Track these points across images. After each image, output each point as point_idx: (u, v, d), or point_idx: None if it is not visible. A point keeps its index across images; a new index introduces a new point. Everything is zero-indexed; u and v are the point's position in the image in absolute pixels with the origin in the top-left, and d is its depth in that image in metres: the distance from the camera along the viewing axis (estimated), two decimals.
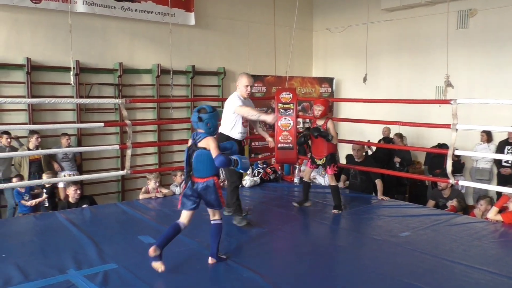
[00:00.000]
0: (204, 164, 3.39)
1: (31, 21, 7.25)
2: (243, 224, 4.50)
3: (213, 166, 3.40)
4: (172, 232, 3.43)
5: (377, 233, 4.45)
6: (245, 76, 4.69)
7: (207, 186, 3.41)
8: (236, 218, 4.57)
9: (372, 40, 9.43)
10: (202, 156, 3.39)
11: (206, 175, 3.41)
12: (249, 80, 4.64)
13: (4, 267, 3.38)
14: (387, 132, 8.55)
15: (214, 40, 9.37)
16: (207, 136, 3.40)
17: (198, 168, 3.42)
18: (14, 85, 7.16)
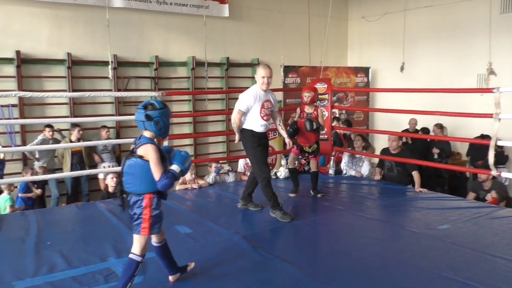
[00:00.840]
0: (137, 177, 2.69)
1: (71, 17, 7.47)
2: (287, 220, 4.35)
3: (149, 180, 2.68)
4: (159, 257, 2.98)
5: (415, 225, 4.36)
6: (261, 67, 4.55)
7: (134, 202, 2.73)
8: (277, 212, 4.43)
9: (410, 28, 9.18)
10: (136, 167, 2.68)
11: (137, 191, 2.71)
12: (265, 71, 4.47)
13: (49, 255, 3.53)
14: (414, 125, 8.37)
15: (248, 32, 9.37)
16: (148, 143, 2.69)
17: (128, 181, 2.71)
18: (56, 80, 7.42)
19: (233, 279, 3.17)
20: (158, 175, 2.64)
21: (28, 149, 6.72)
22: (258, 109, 4.47)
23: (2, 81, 7.00)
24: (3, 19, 6.96)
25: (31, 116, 7.14)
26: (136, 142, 2.76)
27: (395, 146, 5.93)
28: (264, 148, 4.61)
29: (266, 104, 4.53)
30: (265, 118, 4.54)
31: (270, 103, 4.61)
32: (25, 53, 7.06)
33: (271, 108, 4.63)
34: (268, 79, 4.46)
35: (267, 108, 4.55)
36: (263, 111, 4.50)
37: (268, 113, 4.57)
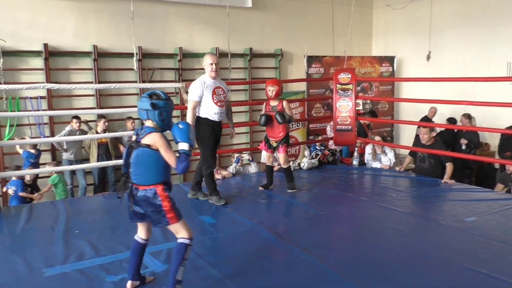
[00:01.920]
0: (145, 167, 2.64)
1: (96, 9, 7.57)
2: (222, 203, 4.58)
3: (159, 170, 2.65)
4: (135, 255, 2.86)
5: (440, 217, 4.30)
6: (208, 54, 4.63)
7: (145, 197, 2.65)
8: (213, 198, 4.65)
9: (437, 15, 8.96)
10: (144, 157, 2.63)
11: (146, 182, 2.64)
12: (212, 58, 4.55)
13: (77, 243, 3.63)
14: (434, 113, 8.22)
15: (271, 22, 9.32)
16: (154, 132, 2.64)
17: (137, 173, 2.65)
18: (83, 72, 7.56)
19: (256, 269, 3.20)
20: (173, 160, 2.61)
21: (56, 140, 6.89)
22: (210, 96, 4.51)
23: (30, 74, 7.17)
24: (31, 12, 7.11)
25: (58, 107, 7.30)
26: (139, 132, 2.70)
27: (427, 139, 5.80)
28: (216, 139, 4.68)
29: (217, 91, 4.57)
30: (219, 105, 4.58)
31: (222, 90, 4.63)
32: (52, 46, 7.21)
33: (223, 95, 4.64)
34: (216, 65, 4.53)
35: (219, 95, 4.57)
36: (215, 97, 4.54)
37: (221, 99, 4.60)
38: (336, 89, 6.59)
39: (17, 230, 4.01)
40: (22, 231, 3.98)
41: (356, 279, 2.98)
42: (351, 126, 6.53)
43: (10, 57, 6.84)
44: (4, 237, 3.91)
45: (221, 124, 4.74)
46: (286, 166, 5.13)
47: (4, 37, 6.29)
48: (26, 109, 7.00)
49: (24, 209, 4.63)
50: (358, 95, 7.27)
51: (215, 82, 4.58)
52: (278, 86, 5.08)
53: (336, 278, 3.01)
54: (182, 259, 2.66)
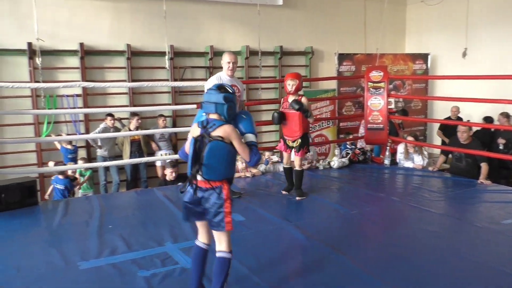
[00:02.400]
0: (218, 161, 2.51)
1: (130, 9, 7.72)
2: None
3: (229, 164, 2.57)
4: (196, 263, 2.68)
5: (476, 219, 4.17)
6: (226, 53, 4.58)
7: (211, 194, 2.52)
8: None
9: (474, 11, 8.69)
10: (218, 150, 2.51)
11: (217, 177, 2.53)
12: (230, 56, 4.49)
13: (111, 238, 3.72)
14: (456, 112, 7.99)
15: (302, 20, 9.27)
16: (225, 124, 2.55)
17: (210, 166, 2.51)
18: (117, 70, 7.72)
19: (285, 267, 3.20)
20: (247, 152, 2.58)
21: (90, 137, 7.08)
22: None
23: (67, 72, 7.38)
24: (68, 12, 7.31)
25: (93, 105, 7.49)
26: (207, 125, 2.55)
27: (466, 137, 5.65)
28: None
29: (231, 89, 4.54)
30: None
31: (237, 89, 4.52)
32: (88, 45, 7.39)
33: (238, 94, 4.41)
34: (233, 64, 4.48)
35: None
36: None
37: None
38: (368, 87, 6.49)
39: (54, 224, 4.14)
40: (59, 225, 4.11)
41: (387, 280, 2.94)
42: (383, 125, 6.43)
43: (48, 56, 7.06)
44: (42, 231, 4.05)
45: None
46: (299, 169, 4.83)
47: (43, 37, 6.50)
48: (63, 107, 7.21)
49: (61, 204, 4.77)
50: (390, 93, 7.13)
51: (230, 80, 4.52)
52: (298, 80, 4.80)
53: (367, 278, 2.97)
54: (227, 275, 2.54)
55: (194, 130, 2.61)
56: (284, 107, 4.83)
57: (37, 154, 7.20)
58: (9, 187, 4.47)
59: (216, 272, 2.54)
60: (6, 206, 4.43)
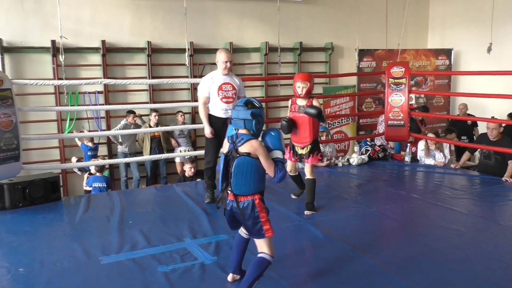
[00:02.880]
0: (246, 176, 2.57)
1: (151, 6, 7.79)
2: (207, 201, 4.54)
3: (258, 179, 2.61)
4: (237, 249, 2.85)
5: (500, 217, 4.09)
6: (223, 51, 4.52)
7: (243, 208, 2.59)
8: (205, 195, 4.64)
9: (499, 5, 8.45)
10: (245, 166, 2.57)
11: (247, 192, 2.59)
12: (227, 55, 4.44)
13: (131, 233, 3.76)
14: (464, 109, 7.84)
15: (322, 15, 9.20)
16: (252, 139, 2.60)
17: (237, 182, 2.58)
18: (137, 67, 7.81)
19: (303, 265, 3.19)
20: (272, 169, 2.61)
21: (112, 134, 7.18)
22: (215, 91, 4.46)
23: (89, 69, 7.50)
24: (90, 10, 7.42)
25: (115, 102, 7.60)
26: (235, 140, 2.62)
27: (496, 134, 5.51)
28: (220, 137, 4.36)
29: (224, 87, 4.48)
30: (224, 101, 4.48)
31: (231, 86, 4.52)
32: (109, 43, 7.49)
33: (232, 92, 4.53)
34: (229, 63, 4.45)
35: (226, 91, 4.48)
36: (221, 93, 4.46)
37: (229, 95, 4.50)
38: (389, 83, 6.41)
39: (76, 219, 4.22)
40: (81, 220, 4.19)
41: (408, 278, 2.90)
42: (404, 121, 6.34)
43: (71, 54, 7.18)
44: (64, 225, 4.13)
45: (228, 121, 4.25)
46: (311, 177, 4.27)
47: (66, 35, 6.61)
48: (85, 103, 7.33)
49: (83, 199, 4.86)
50: (412, 90, 7.02)
51: (224, 78, 4.50)
52: (309, 82, 4.21)
53: (387, 277, 2.94)
54: (260, 274, 2.59)
55: (224, 145, 2.74)
56: (292, 110, 4.31)
57: (60, 150, 7.34)
58: (33, 183, 4.57)
59: (251, 267, 2.60)
60: (30, 201, 4.54)
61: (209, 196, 4.58)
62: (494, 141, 5.49)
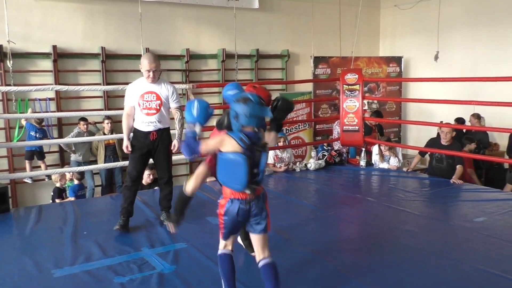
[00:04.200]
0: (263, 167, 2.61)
1: (105, 11, 7.61)
2: (116, 227, 3.89)
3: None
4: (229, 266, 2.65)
5: (449, 218, 4.27)
6: (146, 57, 3.92)
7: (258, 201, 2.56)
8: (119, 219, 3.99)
9: (445, 15, 8.89)
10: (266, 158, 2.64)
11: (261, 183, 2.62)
12: (149, 64, 3.84)
13: (86, 244, 3.64)
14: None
15: (278, 23, 9.32)
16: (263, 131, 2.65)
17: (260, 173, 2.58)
18: (91, 73, 7.60)
19: None
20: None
21: (64, 141, 6.94)
22: (136, 101, 3.93)
23: (39, 75, 7.21)
24: (41, 14, 7.16)
25: (67, 109, 7.34)
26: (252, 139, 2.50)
27: (449, 138, 5.73)
28: (142, 153, 4.01)
29: (146, 96, 3.91)
30: (145, 112, 3.91)
31: (156, 95, 3.93)
32: (61, 48, 7.25)
33: (156, 102, 3.94)
34: (153, 73, 3.88)
35: (148, 101, 3.91)
36: (141, 104, 3.90)
37: (151, 106, 3.91)
38: (343, 89, 6.58)
39: (26, 231, 4.04)
40: (31, 232, 4.01)
41: (365, 280, 2.97)
42: (358, 127, 6.51)
43: (19, 59, 6.89)
44: (14, 238, 3.94)
45: (152, 135, 3.95)
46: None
47: (14, 39, 6.35)
48: (35, 111, 7.04)
49: (33, 210, 4.66)
50: (365, 96, 7.23)
51: (149, 86, 3.94)
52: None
53: (346, 280, 3.00)
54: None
55: (228, 144, 2.50)
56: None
57: (8, 160, 7.02)
58: None
59: (274, 277, 2.54)
60: None
61: (119, 223, 3.91)
62: (447, 145, 5.73)
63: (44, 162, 7.09)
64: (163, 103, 3.98)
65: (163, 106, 3.98)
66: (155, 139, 3.99)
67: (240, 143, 2.47)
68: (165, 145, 4.08)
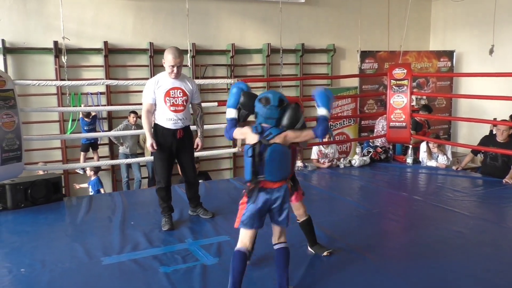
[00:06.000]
0: (281, 163, 2.62)
1: (153, 7, 7.80)
2: (166, 228, 3.85)
3: (290, 164, 2.76)
4: (241, 265, 2.60)
5: (501, 219, 4.08)
6: (170, 51, 3.79)
7: (278, 194, 2.61)
8: (162, 219, 3.95)
9: (502, 7, 8.46)
10: (279, 153, 2.59)
11: (280, 178, 2.62)
12: (174, 59, 3.75)
13: (133, 234, 3.77)
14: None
15: (324, 17, 9.20)
16: (282, 133, 2.63)
17: (272, 169, 2.59)
18: (140, 68, 7.82)
19: (305, 267, 3.18)
20: (310, 131, 2.68)
21: (112, 134, 7.19)
22: (162, 98, 3.82)
23: (91, 70, 7.52)
24: (93, 11, 7.44)
25: (117, 103, 7.61)
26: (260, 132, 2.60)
27: (506, 136, 5.46)
28: (170, 151, 3.93)
29: (172, 92, 3.84)
30: (172, 109, 3.82)
31: (182, 91, 3.88)
32: (111, 44, 7.51)
33: (183, 98, 3.88)
34: (177, 68, 3.80)
35: (174, 97, 3.83)
36: (168, 100, 3.81)
37: (178, 103, 3.85)
38: (391, 85, 6.41)
39: (77, 219, 4.22)
40: (82, 221, 4.19)
41: (409, 279, 2.89)
42: (405, 123, 6.33)
43: (73, 55, 7.19)
44: (66, 226, 4.13)
45: (179, 133, 3.90)
46: (306, 217, 3.34)
47: (68, 36, 6.62)
48: (87, 104, 7.34)
49: (85, 200, 4.86)
50: (414, 91, 7.01)
51: (173, 82, 3.86)
52: None
53: (389, 278, 2.93)
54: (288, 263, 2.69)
55: (249, 137, 2.64)
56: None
57: (62, 151, 7.36)
58: (35, 183, 4.57)
59: (284, 261, 2.67)
60: (32, 201, 4.54)
61: (167, 222, 3.91)
62: (503, 143, 5.46)
63: (97, 153, 7.38)
64: (189, 99, 3.95)
65: (188, 102, 3.95)
66: (182, 137, 3.93)
67: (254, 132, 2.63)
68: (190, 143, 4.05)
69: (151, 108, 3.88)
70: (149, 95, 3.86)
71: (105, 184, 7.59)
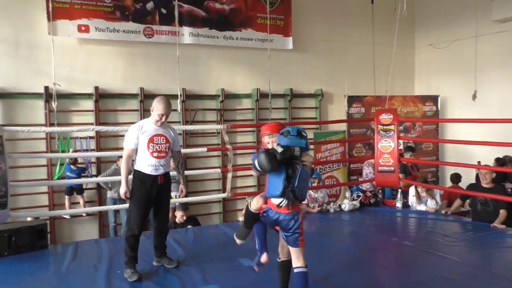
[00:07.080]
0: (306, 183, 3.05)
1: (144, 54, 7.95)
2: (133, 278, 3.72)
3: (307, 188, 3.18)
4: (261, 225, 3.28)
5: (492, 265, 4.06)
6: (162, 101, 3.86)
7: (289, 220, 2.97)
8: (126, 271, 3.80)
9: (482, 54, 8.78)
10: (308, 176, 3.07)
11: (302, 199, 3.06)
12: (164, 109, 3.83)
13: (118, 284, 3.68)
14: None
15: (312, 63, 9.44)
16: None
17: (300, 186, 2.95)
18: (130, 113, 7.86)
19: None
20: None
21: (100, 180, 7.14)
22: (145, 143, 3.83)
23: (81, 115, 7.53)
24: (84, 57, 7.55)
25: (106, 147, 7.59)
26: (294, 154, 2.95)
27: (489, 180, 5.50)
28: (148, 198, 3.90)
29: (156, 139, 3.87)
30: (155, 156, 3.84)
31: (165, 138, 3.93)
32: (102, 89, 7.57)
33: (166, 145, 3.93)
34: (165, 117, 3.89)
35: (158, 144, 3.87)
36: (151, 147, 3.83)
37: (161, 149, 3.88)
38: (378, 129, 6.52)
39: (62, 268, 4.11)
40: (67, 270, 4.09)
41: None
42: (394, 167, 6.40)
43: (63, 100, 7.22)
44: (50, 276, 4.02)
45: (160, 179, 3.92)
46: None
47: (59, 81, 6.68)
48: (76, 149, 7.30)
49: (70, 247, 4.76)
50: (400, 136, 7.12)
51: (156, 129, 3.90)
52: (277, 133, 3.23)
53: None
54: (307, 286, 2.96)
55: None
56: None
57: (48, 196, 7.25)
58: (20, 230, 4.49)
59: (300, 284, 2.95)
60: (16, 249, 4.43)
61: (134, 272, 3.77)
62: (489, 188, 5.50)
63: (83, 197, 7.29)
64: (171, 146, 4.01)
65: (170, 149, 4.01)
66: (162, 183, 3.96)
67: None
68: (169, 189, 4.12)
69: (132, 154, 3.90)
70: (131, 140, 3.88)
71: (92, 229, 7.48)
